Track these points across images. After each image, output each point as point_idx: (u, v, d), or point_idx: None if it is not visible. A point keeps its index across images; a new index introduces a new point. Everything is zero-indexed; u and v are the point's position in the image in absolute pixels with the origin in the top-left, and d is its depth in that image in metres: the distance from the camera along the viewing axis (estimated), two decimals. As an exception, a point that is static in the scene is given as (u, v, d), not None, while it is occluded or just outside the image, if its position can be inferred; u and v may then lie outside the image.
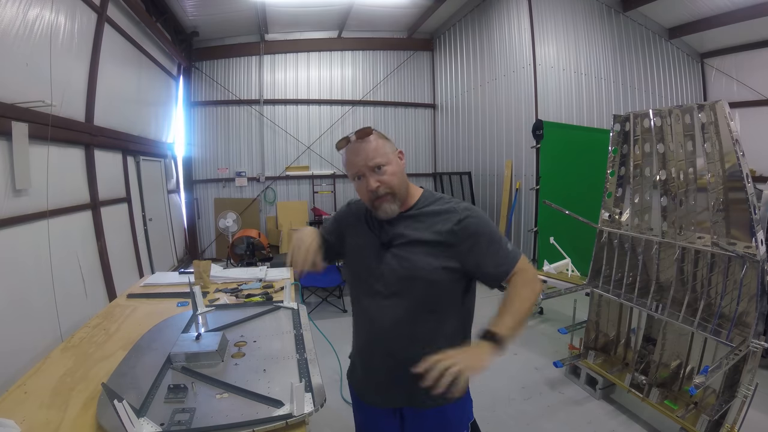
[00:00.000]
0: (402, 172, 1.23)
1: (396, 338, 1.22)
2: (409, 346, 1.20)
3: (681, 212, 2.45)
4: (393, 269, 1.20)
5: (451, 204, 1.23)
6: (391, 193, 1.19)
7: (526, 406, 2.87)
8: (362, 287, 1.29)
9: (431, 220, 1.20)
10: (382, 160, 1.18)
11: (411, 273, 1.17)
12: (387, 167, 1.18)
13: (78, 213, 3.69)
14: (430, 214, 1.21)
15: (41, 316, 2.91)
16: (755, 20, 5.94)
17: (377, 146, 1.19)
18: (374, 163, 1.17)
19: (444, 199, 1.26)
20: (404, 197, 1.23)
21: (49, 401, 1.32)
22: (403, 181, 1.22)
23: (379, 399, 1.32)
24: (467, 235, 1.17)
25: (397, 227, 1.22)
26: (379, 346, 1.27)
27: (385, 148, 1.20)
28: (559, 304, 4.50)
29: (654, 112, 2.58)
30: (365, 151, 1.18)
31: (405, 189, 1.23)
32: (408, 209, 1.24)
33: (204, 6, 6.33)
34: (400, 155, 1.25)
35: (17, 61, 2.87)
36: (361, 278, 1.29)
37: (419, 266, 1.17)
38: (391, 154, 1.21)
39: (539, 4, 5.64)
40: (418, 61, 8.51)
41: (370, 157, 1.17)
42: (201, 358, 1.52)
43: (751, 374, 2.12)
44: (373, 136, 1.20)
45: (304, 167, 8.03)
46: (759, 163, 6.30)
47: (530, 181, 5.53)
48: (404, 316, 1.20)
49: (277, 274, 2.90)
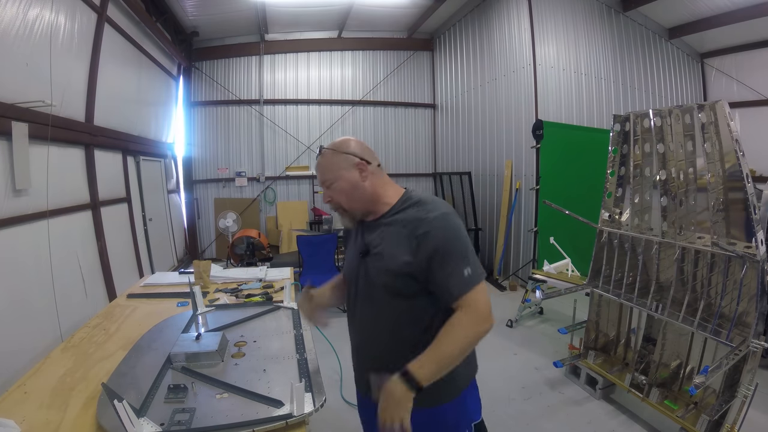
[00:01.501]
0: (354, 187, 1.22)
1: (374, 341, 1.28)
2: (388, 349, 1.23)
3: (681, 212, 2.45)
4: (364, 277, 1.25)
5: (423, 212, 1.17)
6: (341, 207, 1.26)
7: (526, 406, 2.87)
8: (349, 290, 1.36)
9: (398, 230, 1.18)
10: (329, 177, 1.24)
11: (377, 281, 1.21)
12: (334, 184, 1.23)
13: (78, 213, 3.69)
14: (399, 223, 1.19)
15: (41, 316, 2.91)
16: (755, 20, 5.93)
17: (326, 163, 1.25)
18: (323, 179, 1.25)
19: (421, 203, 1.21)
20: (364, 209, 1.26)
21: (49, 401, 1.32)
22: (354, 196, 1.23)
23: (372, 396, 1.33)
24: (425, 249, 1.12)
25: (371, 235, 1.25)
26: (362, 347, 1.35)
27: (337, 164, 1.23)
28: (559, 304, 4.51)
29: (654, 112, 2.58)
30: (319, 170, 1.27)
31: (365, 201, 1.25)
32: (382, 216, 1.25)
33: (204, 6, 6.32)
34: (360, 167, 1.22)
35: (17, 61, 2.87)
36: (348, 282, 1.36)
37: (382, 278, 1.19)
38: (341, 170, 1.22)
39: (539, 4, 5.63)
40: (418, 61, 8.51)
41: (321, 173, 1.26)
42: (201, 358, 1.52)
43: (751, 374, 2.12)
44: (326, 153, 1.25)
45: (304, 167, 8.03)
46: (759, 163, 6.30)
47: (530, 181, 5.53)
48: (379, 320, 1.24)
49: (277, 274, 2.90)
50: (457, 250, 1.13)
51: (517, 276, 5.83)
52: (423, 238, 1.13)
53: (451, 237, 1.14)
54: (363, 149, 1.27)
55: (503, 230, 6.03)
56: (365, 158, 1.24)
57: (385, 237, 1.21)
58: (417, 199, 1.23)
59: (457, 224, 1.18)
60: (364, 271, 1.25)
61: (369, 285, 1.24)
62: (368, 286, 1.24)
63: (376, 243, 1.22)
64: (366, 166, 1.24)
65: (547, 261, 4.16)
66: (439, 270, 1.12)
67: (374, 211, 1.26)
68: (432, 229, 1.13)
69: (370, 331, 1.29)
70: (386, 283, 1.19)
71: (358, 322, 1.34)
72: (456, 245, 1.14)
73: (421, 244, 1.13)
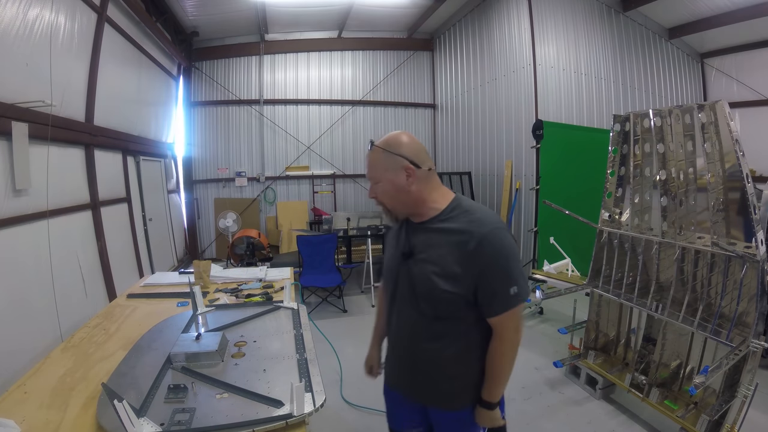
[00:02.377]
0: (399, 190, 1.21)
1: (410, 339, 1.31)
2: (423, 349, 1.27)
3: (681, 212, 2.45)
4: (406, 278, 1.26)
5: (475, 225, 1.16)
6: (383, 205, 1.26)
7: (526, 406, 2.87)
8: (387, 287, 1.39)
9: (447, 239, 1.18)
10: (375, 175, 1.24)
11: (420, 286, 1.22)
12: (378, 185, 1.24)
13: (78, 213, 3.69)
14: (447, 232, 1.19)
15: (41, 316, 2.91)
16: (755, 20, 5.93)
17: (374, 161, 1.24)
18: (369, 176, 1.26)
19: (470, 213, 1.20)
20: (408, 211, 1.26)
21: (49, 401, 1.32)
22: (397, 198, 1.23)
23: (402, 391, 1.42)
24: (476, 264, 1.14)
25: (416, 238, 1.25)
26: (398, 345, 1.38)
27: (384, 164, 1.21)
28: (559, 304, 4.51)
29: (654, 112, 2.58)
30: (367, 164, 1.28)
31: (408, 205, 1.24)
32: (429, 220, 1.24)
33: (204, 6, 6.32)
34: (408, 170, 1.20)
35: (17, 61, 2.87)
36: (387, 280, 1.40)
37: (427, 284, 1.19)
38: (387, 172, 1.21)
39: (539, 4, 5.63)
40: (418, 61, 8.51)
41: (369, 171, 1.27)
42: (201, 358, 1.52)
43: (751, 374, 2.12)
44: (376, 150, 1.24)
45: (304, 167, 8.03)
46: (759, 163, 6.29)
47: (530, 181, 5.53)
48: (416, 321, 1.27)
49: (277, 274, 2.90)
50: (506, 269, 1.15)
51: (517, 276, 5.82)
52: (474, 252, 1.13)
53: (503, 255, 1.14)
54: (415, 151, 1.22)
55: (503, 230, 6.02)
56: (415, 162, 1.20)
57: (433, 244, 1.21)
58: (467, 207, 1.22)
59: (510, 242, 1.18)
60: (405, 272, 1.26)
61: (410, 287, 1.25)
62: (410, 288, 1.25)
63: (421, 248, 1.23)
64: (414, 171, 1.20)
65: (547, 261, 4.16)
66: (487, 286, 1.15)
67: (420, 214, 1.25)
68: (484, 246, 1.13)
69: (407, 331, 1.31)
70: (429, 289, 1.19)
71: (395, 322, 1.36)
72: (506, 264, 1.15)
73: (472, 259, 1.13)
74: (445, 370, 1.27)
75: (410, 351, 1.32)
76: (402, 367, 1.39)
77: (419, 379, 1.32)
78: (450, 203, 1.24)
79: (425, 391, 1.32)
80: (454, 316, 1.22)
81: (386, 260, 1.41)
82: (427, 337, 1.25)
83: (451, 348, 1.24)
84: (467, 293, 1.16)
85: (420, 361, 1.30)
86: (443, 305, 1.20)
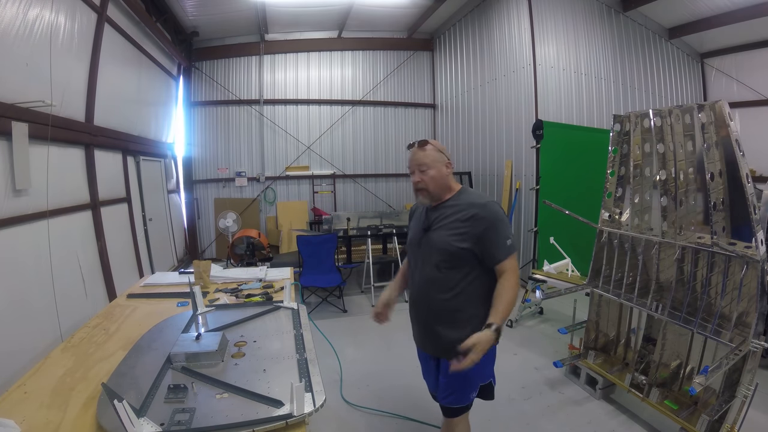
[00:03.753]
0: (442, 177, 1.66)
1: (429, 289, 1.69)
2: (439, 294, 1.66)
3: (681, 212, 2.45)
4: (427, 245, 1.69)
5: (477, 199, 1.65)
6: (426, 189, 1.66)
7: (526, 406, 2.87)
8: (411, 257, 1.84)
9: (458, 210, 1.63)
10: (428, 164, 1.65)
11: (438, 247, 1.64)
12: (429, 171, 1.65)
13: (78, 213, 3.69)
14: (459, 206, 1.65)
15: (41, 316, 2.91)
16: (755, 20, 5.93)
17: (427, 154, 1.66)
18: (421, 164, 1.65)
19: (473, 194, 1.71)
20: (440, 194, 1.68)
21: (49, 401, 1.32)
22: (440, 184, 1.66)
23: (421, 344, 1.84)
24: (480, 224, 1.58)
25: (435, 213, 1.69)
26: (420, 300, 1.74)
27: (434, 157, 1.66)
28: (559, 304, 4.51)
29: (654, 112, 2.58)
30: (418, 156, 1.67)
31: (442, 189, 1.68)
32: (445, 200, 1.69)
33: (204, 6, 6.32)
34: (447, 165, 1.69)
35: (17, 61, 2.87)
36: (411, 250, 1.83)
37: (443, 243, 1.62)
38: (437, 162, 1.65)
39: (539, 4, 5.63)
40: (418, 61, 8.51)
41: (421, 160, 1.66)
42: (201, 358, 1.52)
43: (751, 374, 2.12)
44: (429, 147, 1.67)
45: (304, 167, 8.03)
46: (759, 163, 6.30)
47: (530, 181, 5.53)
48: (434, 275, 1.66)
49: (277, 274, 2.90)
50: (502, 227, 1.60)
51: (517, 276, 5.82)
52: (477, 216, 1.59)
53: (498, 218, 1.61)
54: (448, 152, 1.73)
55: (503, 230, 6.01)
56: (450, 159, 1.70)
57: (447, 216, 1.65)
58: (470, 191, 1.74)
59: (501, 210, 1.66)
60: (426, 241, 1.69)
61: (430, 250, 1.67)
62: (429, 251, 1.67)
63: (439, 220, 1.66)
64: (451, 166, 1.71)
65: (547, 261, 4.16)
66: (489, 239, 1.58)
67: (442, 197, 1.69)
68: (485, 212, 1.60)
69: (428, 286, 1.69)
70: (445, 247, 1.61)
71: (417, 281, 1.75)
72: (501, 224, 1.60)
73: (476, 222, 1.59)
74: (455, 314, 1.64)
75: (427, 302, 1.70)
76: (422, 320, 1.75)
77: (435, 328, 1.68)
78: (459, 189, 1.72)
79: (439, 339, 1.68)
80: (462, 270, 1.62)
81: (410, 235, 1.85)
82: (441, 289, 1.65)
83: (460, 297, 1.63)
84: (474, 247, 1.59)
85: (435, 310, 1.68)
86: (455, 259, 1.61)
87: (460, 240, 1.59)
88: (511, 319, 4.31)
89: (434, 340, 1.71)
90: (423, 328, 1.76)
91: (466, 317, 1.64)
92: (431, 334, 1.71)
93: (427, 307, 1.71)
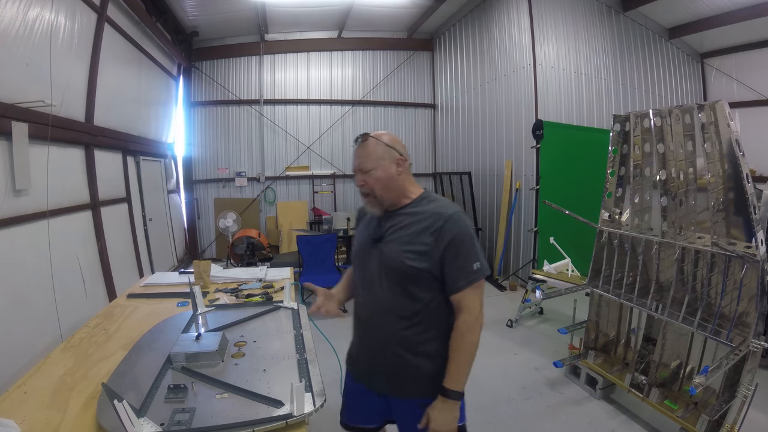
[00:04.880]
0: (391, 178, 1.33)
1: (379, 321, 1.36)
2: (393, 323, 1.32)
3: (681, 212, 2.45)
4: (378, 259, 1.34)
5: (441, 209, 1.30)
6: (372, 194, 1.34)
7: (526, 406, 2.87)
8: (357, 271, 1.47)
9: (416, 221, 1.30)
10: (369, 165, 1.32)
11: (391, 265, 1.31)
12: (372, 172, 1.32)
13: (78, 213, 3.69)
14: (419, 215, 1.31)
15: (41, 316, 2.91)
16: (755, 20, 5.93)
17: (369, 151, 1.33)
18: (362, 165, 1.33)
19: (437, 202, 1.35)
20: (393, 199, 1.36)
21: (49, 401, 1.32)
22: (389, 186, 1.33)
23: (367, 379, 1.45)
24: (443, 240, 1.26)
25: (388, 223, 1.36)
26: (366, 330, 1.43)
27: (378, 153, 1.32)
28: (559, 304, 4.51)
29: (654, 112, 2.58)
30: (359, 154, 1.35)
31: (394, 193, 1.35)
32: (400, 207, 1.36)
33: (204, 6, 6.32)
34: (399, 162, 1.34)
35: (17, 61, 2.87)
36: (357, 262, 1.47)
37: (396, 261, 1.29)
38: (382, 161, 1.32)
39: (539, 4, 5.63)
40: (418, 61, 8.51)
41: (361, 160, 1.33)
42: (201, 358, 1.52)
43: (751, 374, 2.12)
44: (371, 141, 1.33)
45: (304, 167, 8.03)
46: (759, 163, 6.30)
47: (530, 181, 5.53)
48: (386, 303, 1.33)
49: (277, 274, 2.90)
50: (469, 246, 1.27)
51: (517, 276, 5.83)
52: (441, 230, 1.26)
53: (466, 234, 1.28)
54: (402, 146, 1.37)
55: (503, 230, 6.03)
56: (403, 155, 1.36)
57: (403, 226, 1.32)
58: (433, 198, 1.38)
59: (470, 224, 1.32)
60: (377, 255, 1.34)
61: (380, 267, 1.33)
62: (380, 268, 1.33)
63: (392, 231, 1.33)
64: (404, 162, 1.36)
65: (547, 261, 4.16)
66: (452, 261, 1.26)
67: (397, 203, 1.37)
68: (450, 225, 1.26)
69: (378, 311, 1.36)
70: (399, 266, 1.29)
71: (363, 302, 1.44)
72: (469, 242, 1.27)
73: (439, 236, 1.26)
74: (413, 352, 1.32)
75: (379, 334, 1.37)
76: (369, 354, 1.42)
77: (387, 364, 1.35)
78: (420, 194, 1.38)
79: (392, 378, 1.36)
80: (421, 297, 1.30)
81: (357, 246, 1.49)
82: (394, 316, 1.32)
83: (418, 329, 1.31)
84: (433, 268, 1.27)
85: (389, 344, 1.34)
86: (410, 281, 1.29)
87: (416, 258, 1.26)
88: (511, 319, 4.32)
89: (385, 376, 1.37)
90: (376, 361, 1.39)
91: (426, 353, 1.31)
92: (389, 370, 1.36)
93: (377, 337, 1.37)
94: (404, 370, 1.33)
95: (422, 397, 1.33)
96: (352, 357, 1.53)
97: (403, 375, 1.33)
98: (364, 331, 1.45)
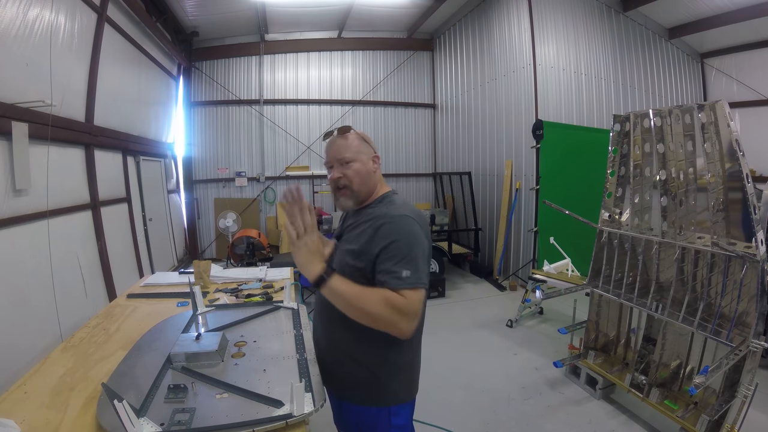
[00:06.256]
0: (368, 173, 1.33)
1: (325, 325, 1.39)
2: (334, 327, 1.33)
3: (681, 212, 2.45)
4: (332, 256, 1.36)
5: (390, 209, 1.27)
6: (349, 187, 1.31)
7: (526, 406, 2.87)
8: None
9: (367, 220, 1.28)
10: (350, 156, 1.31)
11: (337, 263, 1.31)
12: (353, 164, 1.31)
13: (78, 213, 3.69)
14: (369, 215, 1.30)
15: (41, 316, 2.91)
16: (755, 20, 5.94)
17: (349, 144, 1.32)
18: (342, 157, 1.31)
19: (394, 204, 1.30)
20: (366, 194, 1.34)
21: (49, 401, 1.32)
22: (365, 181, 1.32)
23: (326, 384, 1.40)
24: (379, 240, 1.21)
25: (348, 221, 1.39)
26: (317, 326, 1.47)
27: (358, 147, 1.32)
28: (559, 304, 4.51)
29: (654, 112, 2.58)
30: (338, 145, 1.32)
31: (368, 188, 1.34)
32: (363, 207, 1.36)
33: (204, 6, 6.32)
34: (374, 159, 1.36)
35: (17, 61, 2.87)
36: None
37: (339, 260, 1.30)
38: (362, 154, 1.32)
39: (539, 4, 5.64)
40: (418, 61, 8.51)
41: (341, 152, 1.31)
42: (201, 358, 1.51)
43: (751, 374, 2.12)
44: (352, 135, 1.34)
45: (304, 167, 8.03)
46: (759, 163, 6.30)
47: (530, 181, 5.53)
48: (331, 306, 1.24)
49: (277, 274, 2.90)
50: (404, 251, 1.18)
51: (517, 276, 5.83)
52: (380, 230, 1.22)
53: (404, 237, 1.20)
54: (375, 146, 1.40)
55: (503, 230, 6.03)
56: (377, 153, 1.38)
57: (357, 225, 1.32)
58: (393, 199, 1.34)
59: (416, 231, 1.22)
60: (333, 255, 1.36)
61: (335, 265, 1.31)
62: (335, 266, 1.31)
63: (350, 229, 1.35)
64: (379, 160, 1.38)
65: (547, 261, 4.16)
66: (383, 262, 1.19)
67: (365, 201, 1.36)
68: (389, 226, 1.21)
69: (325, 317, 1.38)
70: (341, 266, 1.28)
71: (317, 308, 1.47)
72: (405, 247, 1.19)
73: (377, 236, 1.21)
74: (356, 358, 1.31)
75: (325, 337, 1.40)
76: (321, 357, 1.42)
77: (333, 368, 1.36)
78: (383, 194, 1.36)
79: (339, 381, 1.38)
80: None
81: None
82: (339, 324, 1.28)
83: (355, 332, 1.25)
84: (366, 268, 1.23)
85: (335, 350, 1.35)
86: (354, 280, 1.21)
87: (355, 258, 1.24)
88: (511, 319, 4.32)
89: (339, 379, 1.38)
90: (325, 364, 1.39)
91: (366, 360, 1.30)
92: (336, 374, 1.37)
93: (327, 344, 1.40)
94: (349, 376, 1.33)
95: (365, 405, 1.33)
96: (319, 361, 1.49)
97: (347, 382, 1.34)
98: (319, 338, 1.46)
